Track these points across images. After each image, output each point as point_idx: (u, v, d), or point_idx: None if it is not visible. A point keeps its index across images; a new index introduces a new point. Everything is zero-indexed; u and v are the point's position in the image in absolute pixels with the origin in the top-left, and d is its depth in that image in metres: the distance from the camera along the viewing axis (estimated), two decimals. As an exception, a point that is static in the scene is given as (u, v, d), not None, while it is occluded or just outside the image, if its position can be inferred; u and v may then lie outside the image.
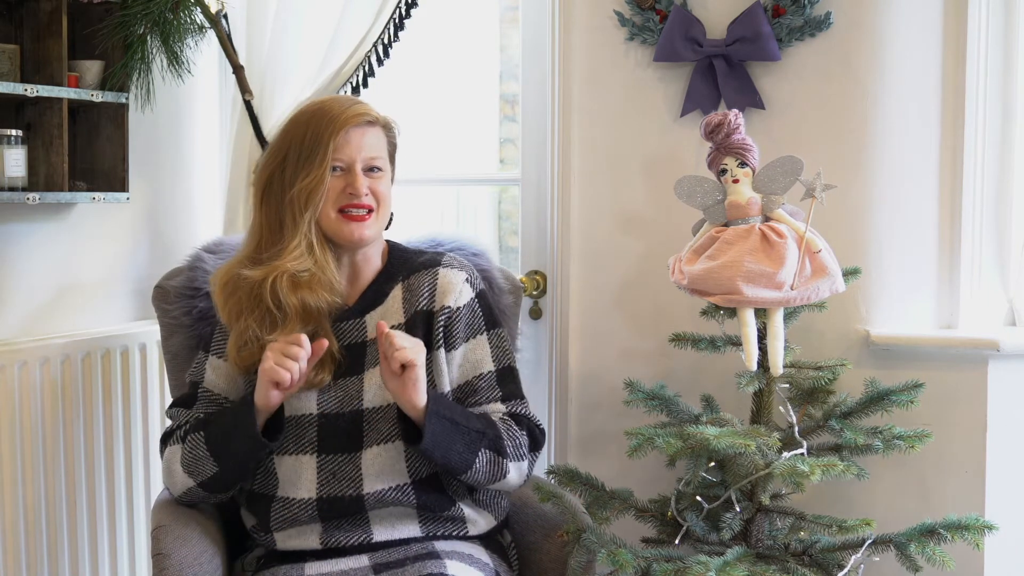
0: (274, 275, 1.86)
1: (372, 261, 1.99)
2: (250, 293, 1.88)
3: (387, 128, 1.97)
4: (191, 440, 1.89)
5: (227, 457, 1.86)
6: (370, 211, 1.90)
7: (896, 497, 2.34)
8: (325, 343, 1.83)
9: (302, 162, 1.87)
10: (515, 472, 1.93)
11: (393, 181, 2.00)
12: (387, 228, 2.02)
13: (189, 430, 1.91)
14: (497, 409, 1.96)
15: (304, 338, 1.80)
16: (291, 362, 1.79)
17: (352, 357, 1.93)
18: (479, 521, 1.96)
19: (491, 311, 2.01)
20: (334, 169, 1.88)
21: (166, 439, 1.96)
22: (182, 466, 1.90)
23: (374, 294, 1.97)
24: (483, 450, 1.87)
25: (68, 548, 2.32)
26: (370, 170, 1.91)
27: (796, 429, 2.08)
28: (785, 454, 1.97)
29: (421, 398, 1.81)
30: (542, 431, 2.00)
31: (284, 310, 1.86)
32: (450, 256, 2.02)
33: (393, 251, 2.03)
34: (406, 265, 2.00)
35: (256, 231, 1.93)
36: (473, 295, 1.99)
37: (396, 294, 1.97)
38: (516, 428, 1.94)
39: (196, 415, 1.94)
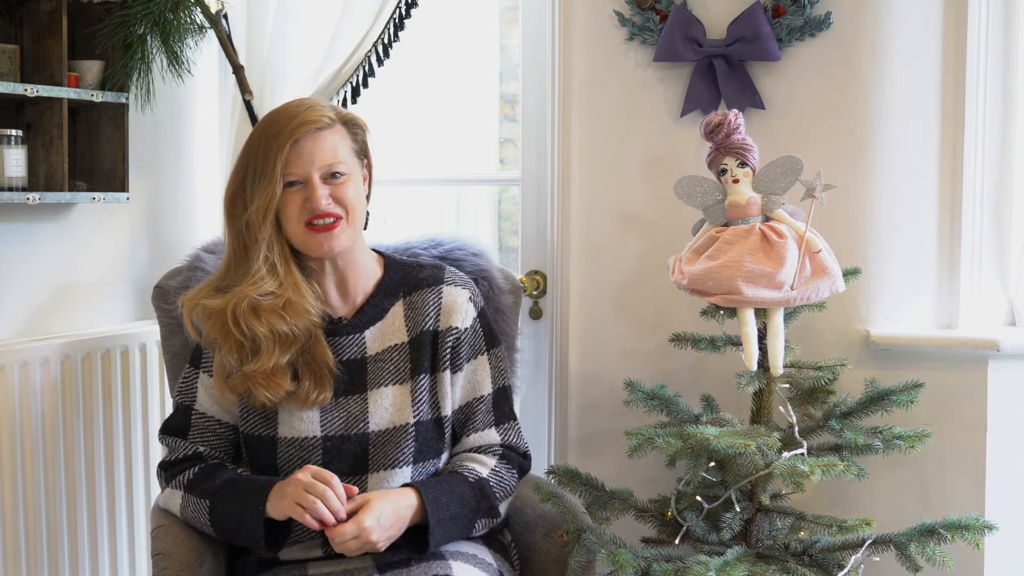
0: (232, 303, 1.80)
1: (362, 268, 1.94)
2: (219, 323, 1.83)
3: (349, 126, 1.89)
4: (196, 504, 1.85)
5: (229, 537, 1.85)
6: (338, 219, 1.83)
7: (896, 497, 2.34)
8: (355, 490, 1.77)
9: (257, 180, 1.81)
10: (505, 511, 1.97)
11: (370, 180, 1.95)
12: (364, 227, 1.97)
13: (195, 485, 1.87)
14: (491, 438, 1.97)
15: (336, 481, 1.74)
16: (312, 500, 1.72)
17: (351, 373, 1.90)
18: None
19: (490, 329, 2.01)
20: (292, 184, 1.82)
21: (165, 469, 1.93)
22: (182, 515, 1.89)
23: (373, 309, 1.94)
24: (479, 520, 1.89)
25: (68, 548, 2.32)
26: (331, 177, 1.83)
27: (796, 429, 2.08)
28: (785, 454, 1.97)
29: (406, 523, 1.80)
30: (528, 457, 2.03)
31: (255, 339, 1.81)
32: (451, 272, 2.00)
33: (390, 265, 1.99)
34: (406, 280, 1.97)
35: (226, 255, 1.89)
36: (475, 315, 1.98)
37: (397, 311, 1.95)
38: (506, 473, 1.95)
39: (195, 448, 1.91)
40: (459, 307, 1.95)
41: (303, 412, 1.87)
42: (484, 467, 1.93)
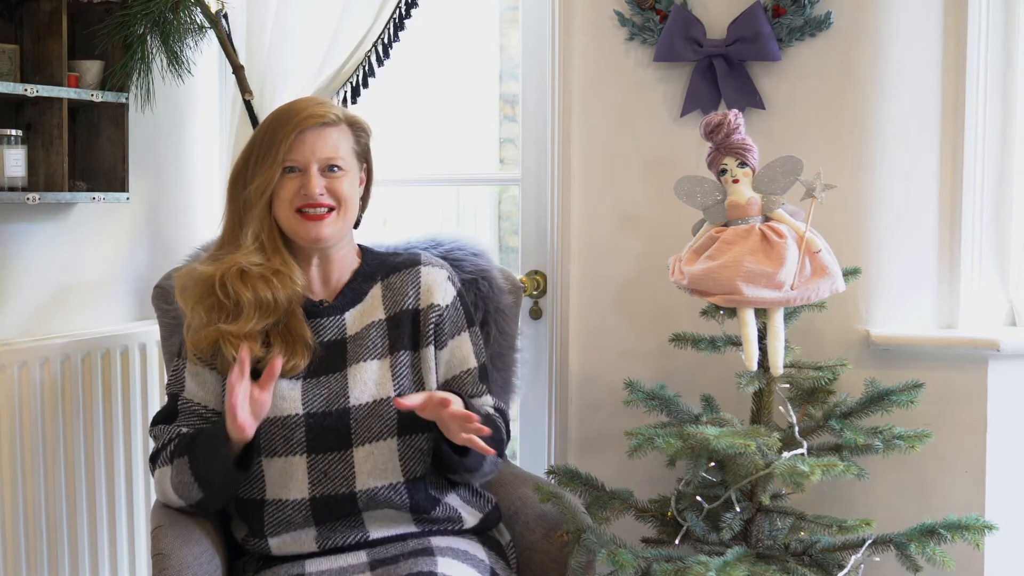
0: (223, 269, 1.88)
1: (345, 261, 2.00)
2: (203, 287, 1.89)
3: (354, 127, 1.97)
4: (178, 464, 1.87)
5: (210, 483, 1.86)
6: (330, 210, 1.90)
7: (896, 497, 2.34)
8: (280, 361, 1.80)
9: (259, 162, 1.90)
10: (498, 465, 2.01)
11: (369, 182, 2.02)
12: (356, 227, 2.03)
13: (175, 452, 1.89)
14: (487, 402, 2.03)
15: (244, 348, 1.79)
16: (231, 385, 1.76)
17: (331, 353, 1.94)
18: (468, 518, 1.98)
19: (468, 309, 2.06)
20: (291, 170, 1.90)
21: (154, 459, 1.95)
22: (172, 489, 1.90)
23: (353, 292, 1.99)
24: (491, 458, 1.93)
25: (68, 548, 2.32)
26: (329, 169, 1.91)
27: (796, 429, 2.08)
28: (785, 454, 1.97)
29: None
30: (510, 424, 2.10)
31: (239, 303, 1.87)
32: (427, 256, 2.05)
33: (367, 253, 2.05)
34: (383, 265, 2.03)
35: (222, 230, 1.97)
36: (455, 293, 2.02)
37: (375, 293, 2.00)
38: (503, 423, 2.02)
39: (179, 429, 1.93)
40: (438, 286, 2.00)
41: (284, 392, 1.89)
42: (487, 409, 2.00)
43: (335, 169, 1.91)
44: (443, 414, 1.77)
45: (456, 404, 1.77)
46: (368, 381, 1.92)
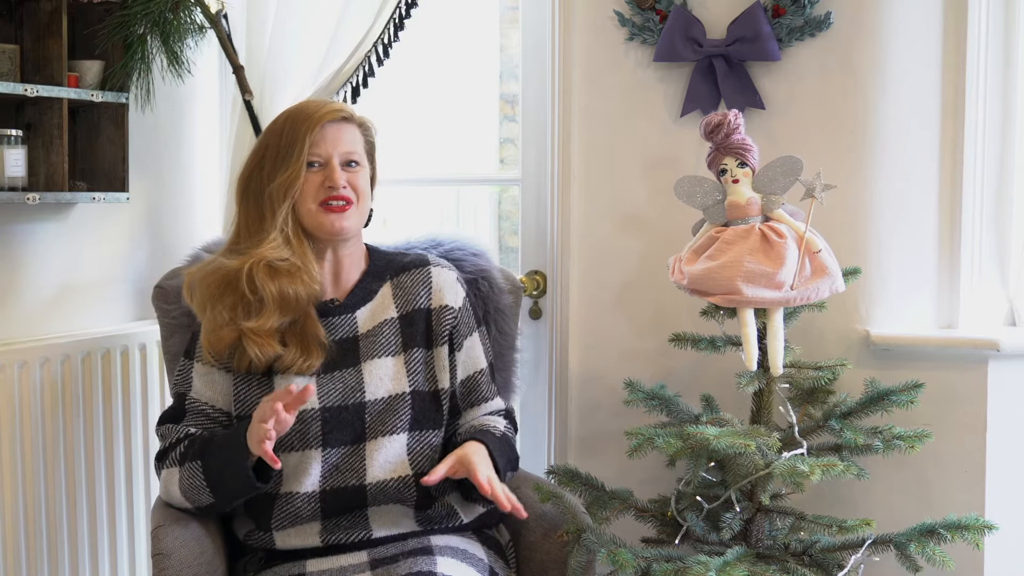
0: (251, 262, 1.88)
1: (355, 259, 2.02)
2: (224, 282, 1.90)
3: (363, 127, 2.01)
4: (189, 468, 1.88)
5: (223, 491, 1.86)
6: (349, 203, 1.93)
7: (896, 497, 2.34)
8: (312, 388, 1.77)
9: (280, 159, 1.92)
10: None
11: (375, 180, 2.05)
12: (366, 225, 2.05)
13: (187, 455, 1.90)
14: (497, 405, 2.07)
15: (279, 406, 1.75)
16: (265, 428, 1.74)
17: (345, 351, 1.96)
18: (465, 514, 1.99)
19: (476, 309, 2.09)
20: (312, 164, 1.92)
21: (161, 458, 1.95)
22: (180, 491, 1.90)
23: (363, 291, 2.01)
24: (508, 473, 1.98)
25: (68, 548, 2.32)
26: (347, 164, 1.95)
27: (796, 429, 2.08)
28: (785, 454, 1.97)
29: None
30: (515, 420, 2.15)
31: (262, 298, 1.88)
32: (435, 257, 2.09)
33: (374, 253, 2.08)
34: (391, 265, 2.05)
35: (235, 227, 1.98)
36: (464, 295, 2.06)
37: (386, 291, 2.02)
38: (513, 434, 2.06)
39: (187, 429, 1.93)
40: (450, 286, 2.03)
41: (298, 383, 1.89)
42: (500, 427, 2.02)
43: (353, 164, 1.95)
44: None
45: (481, 472, 1.81)
46: (384, 377, 1.95)
